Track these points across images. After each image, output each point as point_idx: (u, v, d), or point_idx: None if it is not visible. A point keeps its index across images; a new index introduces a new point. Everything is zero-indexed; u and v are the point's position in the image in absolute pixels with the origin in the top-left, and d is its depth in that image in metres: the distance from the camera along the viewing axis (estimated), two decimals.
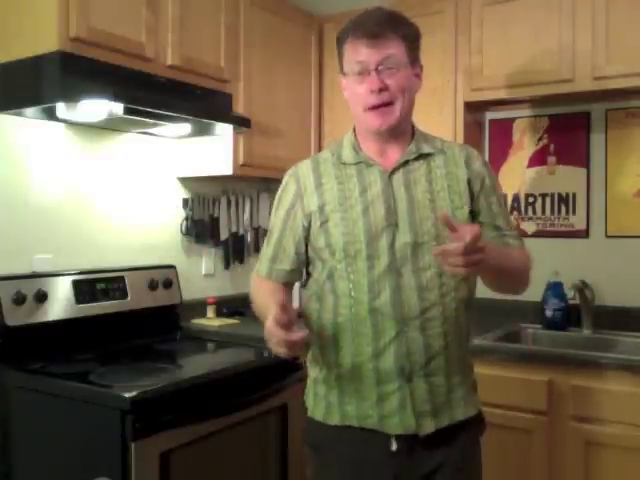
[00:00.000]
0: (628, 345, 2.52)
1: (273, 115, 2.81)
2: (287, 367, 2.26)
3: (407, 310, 1.44)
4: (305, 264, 1.59)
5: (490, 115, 3.01)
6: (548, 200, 2.88)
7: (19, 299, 2.08)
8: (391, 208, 1.47)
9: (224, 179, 2.89)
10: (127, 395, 1.73)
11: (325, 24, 3.06)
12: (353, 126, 1.59)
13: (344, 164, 1.53)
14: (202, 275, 2.95)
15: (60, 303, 2.21)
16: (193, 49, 2.40)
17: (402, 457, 1.46)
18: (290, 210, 1.56)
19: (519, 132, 2.95)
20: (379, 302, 1.44)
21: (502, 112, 2.98)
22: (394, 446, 1.46)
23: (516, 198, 2.91)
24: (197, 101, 2.39)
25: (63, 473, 1.87)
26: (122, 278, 2.44)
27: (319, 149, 3.08)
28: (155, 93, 2.22)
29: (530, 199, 2.91)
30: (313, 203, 1.52)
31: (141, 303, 2.48)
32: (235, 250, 3.04)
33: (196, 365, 2.32)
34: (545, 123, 2.89)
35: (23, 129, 2.24)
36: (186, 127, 2.47)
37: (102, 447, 1.77)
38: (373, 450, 1.48)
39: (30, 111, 2.15)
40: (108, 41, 2.08)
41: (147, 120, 2.28)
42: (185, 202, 2.84)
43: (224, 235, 2.96)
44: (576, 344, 2.54)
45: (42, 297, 2.15)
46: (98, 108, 2.05)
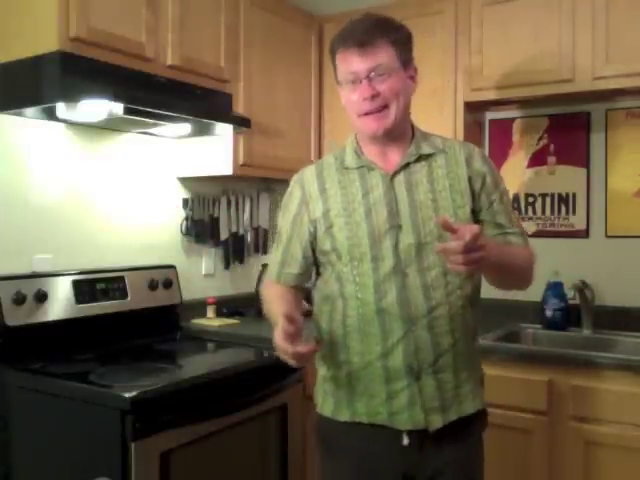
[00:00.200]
0: (628, 345, 2.52)
1: (273, 115, 2.81)
2: (287, 367, 2.23)
3: (414, 309, 1.46)
4: (314, 267, 1.64)
5: (490, 115, 3.01)
6: (548, 200, 2.88)
7: (19, 299, 2.08)
8: (393, 210, 1.49)
9: (224, 179, 2.89)
10: (127, 395, 1.73)
11: (325, 24, 3.06)
12: (355, 131, 1.61)
13: (347, 169, 1.57)
14: (202, 275, 2.95)
15: (60, 303, 2.21)
16: (193, 49, 2.40)
17: (412, 452, 1.49)
18: (296, 216, 1.60)
19: (519, 132, 2.95)
20: (386, 303, 1.47)
21: (502, 112, 2.98)
22: (405, 441, 1.48)
23: (516, 198, 2.91)
24: (197, 101, 2.39)
25: (63, 473, 1.87)
26: (122, 278, 2.44)
27: (319, 149, 3.08)
28: (155, 93, 2.22)
29: (530, 199, 2.92)
30: (318, 209, 1.56)
31: (141, 303, 2.48)
32: (235, 250, 3.04)
33: (196, 365, 2.32)
34: (545, 123, 2.89)
35: (23, 129, 2.24)
36: (186, 127, 2.47)
37: (102, 447, 1.77)
38: (383, 445, 1.51)
39: (30, 111, 2.15)
40: (108, 41, 2.08)
41: (147, 120, 2.28)
42: (185, 202, 2.84)
43: (224, 235, 2.96)
44: (576, 344, 2.54)
45: (42, 297, 2.15)
46: (98, 108, 2.05)
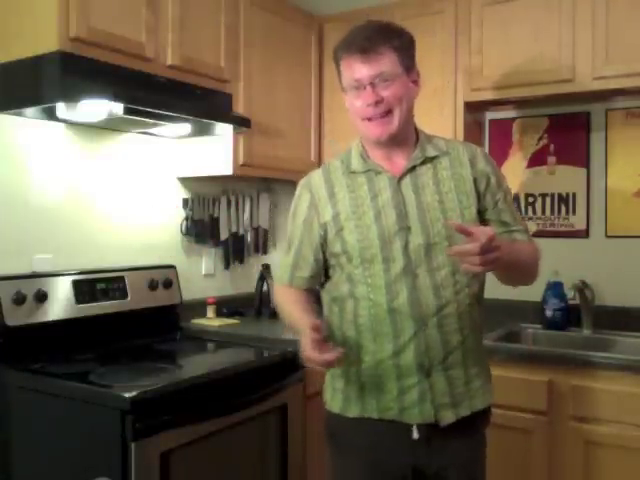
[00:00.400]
0: (628, 345, 2.52)
1: (273, 115, 2.81)
2: (287, 367, 2.27)
3: (425, 309, 1.50)
4: (324, 270, 1.66)
5: (490, 115, 3.01)
6: (548, 200, 2.88)
7: (19, 299, 2.08)
8: (402, 212, 1.53)
9: (224, 179, 2.89)
10: (127, 395, 1.73)
11: (325, 24, 3.07)
12: (359, 135, 1.63)
13: (354, 172, 1.60)
14: (202, 275, 2.95)
15: (60, 303, 2.21)
16: (193, 49, 2.40)
17: (421, 447, 1.52)
18: (306, 220, 1.63)
19: (519, 132, 2.95)
20: (397, 303, 1.50)
21: (502, 112, 2.98)
22: (415, 435, 1.51)
23: (516, 198, 2.90)
24: (197, 101, 2.39)
25: (63, 473, 1.87)
26: (122, 278, 2.43)
27: (319, 149, 3.08)
28: (155, 93, 2.22)
29: (530, 199, 2.92)
30: (327, 213, 1.59)
31: (141, 303, 2.48)
32: (235, 250, 3.04)
33: (196, 365, 2.32)
34: (545, 123, 2.89)
35: (23, 129, 2.24)
36: (186, 127, 2.47)
37: (102, 447, 1.77)
38: (393, 439, 1.54)
39: (30, 111, 2.15)
40: (108, 41, 2.08)
41: (147, 120, 2.28)
42: (185, 202, 2.83)
43: (224, 235, 2.96)
44: (576, 344, 2.54)
45: (42, 297, 2.15)
46: (98, 108, 2.05)
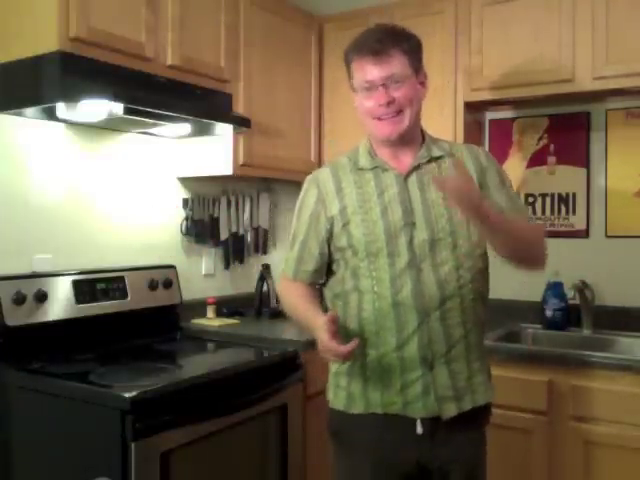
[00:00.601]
0: (628, 345, 2.52)
1: (273, 115, 2.81)
2: (287, 367, 2.27)
3: (428, 301, 1.53)
4: (327, 265, 1.68)
5: (490, 115, 3.01)
6: (548, 200, 2.88)
7: (19, 299, 2.08)
8: (408, 208, 1.57)
9: (224, 179, 2.89)
10: (127, 395, 1.73)
11: (325, 24, 3.07)
12: (367, 134, 1.67)
13: (361, 169, 1.64)
14: (202, 275, 2.95)
15: (60, 303, 2.21)
16: (193, 49, 2.40)
17: (425, 442, 1.54)
18: (313, 214, 1.66)
19: (519, 132, 2.95)
20: (401, 296, 1.53)
21: (502, 112, 2.98)
22: (419, 429, 1.54)
23: None
24: (197, 101, 2.39)
25: (63, 473, 1.87)
26: (122, 278, 2.43)
27: (319, 149, 3.09)
28: (155, 93, 2.22)
29: (530, 199, 2.91)
30: (334, 207, 1.62)
31: (141, 303, 2.48)
32: (235, 250, 3.04)
33: (196, 365, 2.32)
34: (545, 123, 2.89)
35: (23, 129, 2.24)
36: (186, 127, 2.47)
37: (102, 447, 1.77)
38: (397, 433, 1.56)
39: (30, 111, 2.14)
40: (108, 41, 2.08)
41: (147, 120, 2.28)
42: (185, 202, 2.83)
43: (224, 235, 2.96)
44: (576, 344, 2.54)
45: (42, 297, 2.15)
46: (98, 108, 2.05)
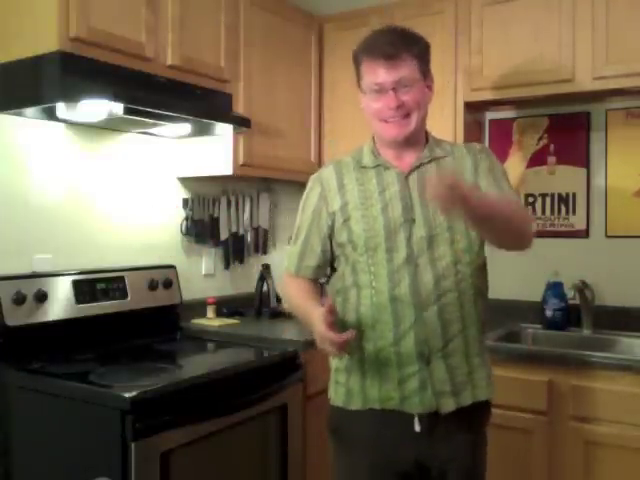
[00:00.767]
0: (628, 345, 2.52)
1: (273, 115, 2.81)
2: (287, 367, 2.27)
3: (425, 296, 1.54)
4: (330, 261, 1.71)
5: (490, 115, 3.01)
6: (548, 200, 2.88)
7: (19, 299, 2.08)
8: (408, 206, 1.59)
9: (224, 179, 2.89)
10: (127, 395, 1.73)
11: (325, 24, 3.07)
12: (372, 135, 1.69)
13: (364, 167, 1.66)
14: (202, 275, 2.95)
15: (60, 303, 2.21)
16: (193, 49, 2.40)
17: (423, 439, 1.54)
18: (316, 210, 1.69)
19: (519, 132, 2.95)
20: (399, 291, 1.55)
21: (502, 112, 2.98)
22: (417, 427, 1.54)
23: None
24: (197, 101, 2.39)
25: (63, 473, 1.87)
26: (122, 278, 2.43)
27: (319, 149, 3.09)
28: (155, 93, 2.22)
29: (530, 199, 2.92)
30: (336, 203, 1.65)
31: (141, 303, 2.48)
32: (235, 250, 3.04)
33: (196, 365, 2.32)
34: (545, 123, 2.89)
35: (23, 129, 2.23)
36: (186, 127, 2.47)
37: (102, 447, 1.77)
38: (395, 431, 1.56)
39: (30, 111, 2.14)
40: (108, 41, 2.08)
41: (147, 120, 2.28)
42: (185, 202, 2.83)
43: (224, 235, 2.96)
44: (576, 344, 2.54)
45: (42, 297, 2.15)
46: (98, 108, 2.05)
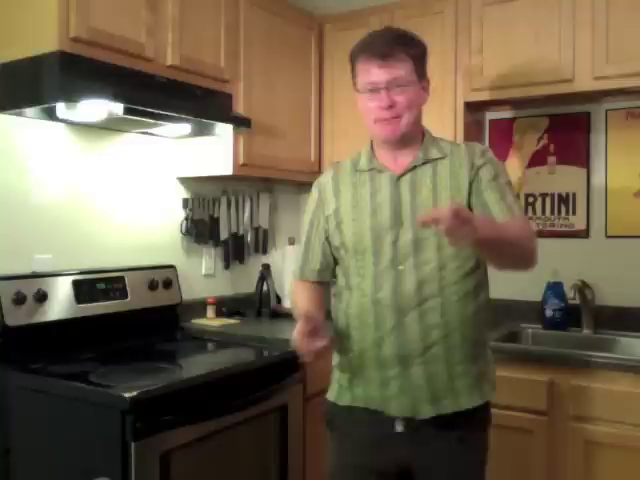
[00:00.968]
0: (628, 345, 2.52)
1: (273, 115, 2.81)
2: (287, 367, 2.26)
3: (406, 301, 1.55)
4: (333, 264, 1.74)
5: (490, 115, 3.01)
6: (548, 200, 2.88)
7: (19, 299, 2.08)
8: (397, 209, 1.59)
9: (224, 179, 2.89)
10: (127, 395, 1.73)
11: (325, 24, 3.07)
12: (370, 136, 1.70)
13: (359, 171, 1.69)
14: (202, 275, 2.95)
15: (60, 303, 2.21)
16: (193, 49, 2.40)
17: (405, 441, 1.56)
18: (314, 216, 1.75)
19: (519, 132, 2.95)
20: (381, 294, 1.57)
21: (502, 112, 2.98)
22: (399, 428, 1.57)
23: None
24: (197, 101, 2.39)
25: (63, 473, 1.87)
26: (122, 278, 2.43)
27: (319, 149, 3.09)
28: (155, 93, 2.22)
29: (530, 199, 2.92)
30: (331, 207, 1.69)
31: (141, 303, 2.48)
32: (235, 250, 3.04)
33: (196, 365, 2.31)
34: (545, 123, 2.89)
35: (23, 129, 2.24)
36: (186, 127, 2.47)
37: (102, 447, 1.77)
38: (378, 430, 1.60)
39: (30, 111, 2.14)
40: (108, 41, 2.08)
41: (147, 120, 2.28)
42: (185, 202, 2.83)
43: (224, 235, 2.96)
44: (576, 344, 2.54)
45: (42, 297, 2.15)
46: (98, 108, 2.05)
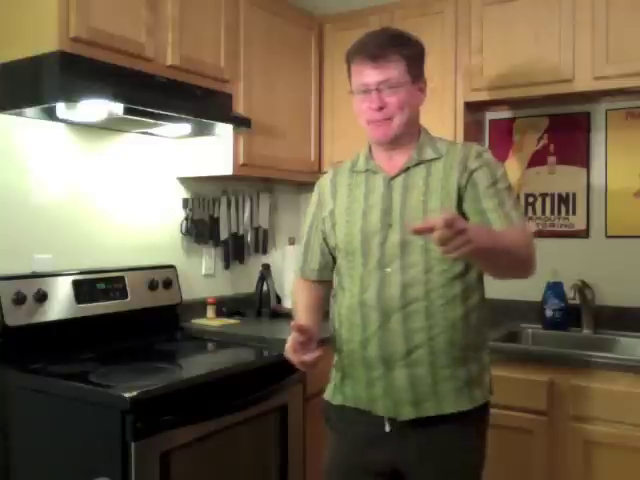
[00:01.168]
0: (628, 345, 2.52)
1: (273, 115, 2.81)
2: (287, 367, 2.25)
3: (390, 303, 1.56)
4: (333, 263, 1.76)
5: (490, 115, 3.01)
6: (548, 200, 2.88)
7: (19, 299, 2.08)
8: (387, 210, 1.60)
9: (224, 179, 2.89)
10: (127, 395, 1.73)
11: (325, 24, 3.07)
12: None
13: (356, 172, 1.71)
14: (202, 275, 2.95)
15: (60, 303, 2.21)
16: (193, 49, 2.40)
17: (393, 439, 1.59)
18: (313, 218, 1.79)
19: (519, 132, 2.95)
20: (367, 295, 1.59)
21: (502, 112, 2.98)
22: (387, 427, 1.59)
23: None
24: (197, 101, 2.39)
25: (63, 473, 1.87)
26: (122, 278, 2.43)
27: (319, 149, 3.09)
28: (155, 93, 2.22)
29: (530, 199, 2.92)
30: (328, 208, 1.72)
31: (141, 303, 2.48)
32: (235, 250, 3.04)
33: (196, 365, 2.31)
34: (545, 123, 2.89)
35: (23, 129, 2.24)
36: (186, 127, 2.47)
37: (102, 447, 1.77)
38: (367, 429, 1.62)
39: (30, 111, 2.14)
40: (108, 41, 2.08)
41: (147, 120, 2.28)
42: (185, 202, 2.83)
43: (224, 235, 2.96)
44: (576, 344, 2.54)
45: (42, 297, 2.15)
46: (98, 108, 2.05)
